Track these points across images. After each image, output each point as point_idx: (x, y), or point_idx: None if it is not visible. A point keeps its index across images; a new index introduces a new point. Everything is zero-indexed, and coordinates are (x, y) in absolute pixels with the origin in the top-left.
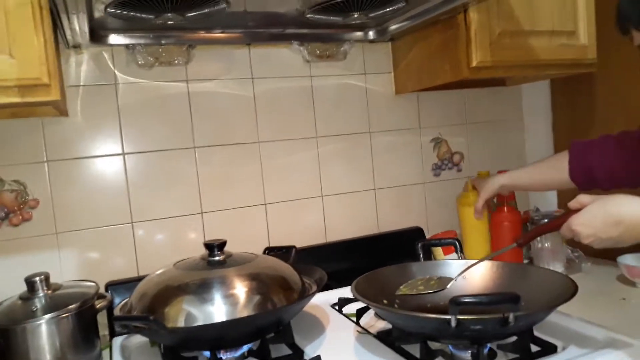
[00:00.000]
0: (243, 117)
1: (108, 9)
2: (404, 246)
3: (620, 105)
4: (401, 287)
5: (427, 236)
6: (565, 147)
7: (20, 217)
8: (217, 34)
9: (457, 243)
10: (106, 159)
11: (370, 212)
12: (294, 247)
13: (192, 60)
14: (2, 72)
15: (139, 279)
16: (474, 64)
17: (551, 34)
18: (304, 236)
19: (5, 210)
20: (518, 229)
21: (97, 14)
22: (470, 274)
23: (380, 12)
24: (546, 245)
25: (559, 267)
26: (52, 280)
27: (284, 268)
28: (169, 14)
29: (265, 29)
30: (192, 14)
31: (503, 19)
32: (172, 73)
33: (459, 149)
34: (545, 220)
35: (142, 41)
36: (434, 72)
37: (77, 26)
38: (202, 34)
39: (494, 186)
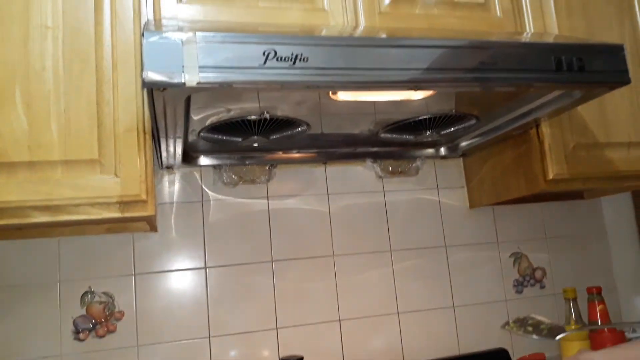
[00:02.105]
0: (318, 232)
1: (201, 134)
2: None
3: None
4: (510, 322)
5: (513, 359)
6: None
7: (105, 328)
8: (295, 154)
9: None
10: (189, 272)
11: (449, 331)
12: None
13: (273, 179)
14: (107, 190)
15: None
16: (550, 176)
17: (628, 145)
18: (379, 355)
19: (93, 321)
20: None
21: (191, 137)
22: None
23: (452, 129)
24: None
25: None
26: None
27: None
28: (255, 137)
29: (339, 149)
30: (275, 136)
31: (577, 133)
32: (254, 191)
33: (540, 264)
34: None
35: (228, 162)
36: (509, 186)
37: (173, 149)
38: (281, 154)
39: None
